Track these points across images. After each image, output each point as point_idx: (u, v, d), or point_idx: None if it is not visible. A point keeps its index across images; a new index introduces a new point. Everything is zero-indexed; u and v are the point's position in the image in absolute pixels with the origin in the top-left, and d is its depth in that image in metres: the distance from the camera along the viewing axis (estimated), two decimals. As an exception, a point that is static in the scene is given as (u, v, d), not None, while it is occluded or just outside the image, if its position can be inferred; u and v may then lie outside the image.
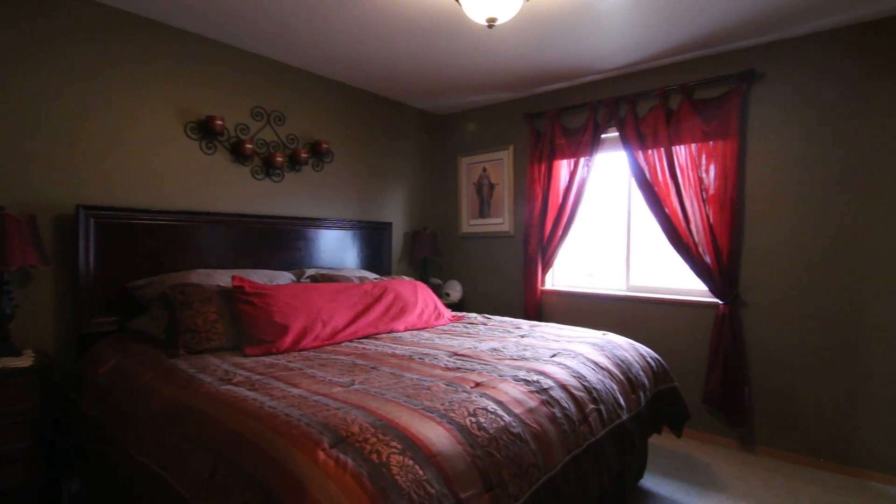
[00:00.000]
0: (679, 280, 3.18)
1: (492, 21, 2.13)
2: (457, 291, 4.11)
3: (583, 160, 3.43)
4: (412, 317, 2.76)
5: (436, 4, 2.38)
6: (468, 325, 2.81)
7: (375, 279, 3.08)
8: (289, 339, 2.14)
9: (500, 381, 1.66)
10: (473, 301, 4.20)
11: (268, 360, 1.94)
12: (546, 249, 3.63)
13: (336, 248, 3.46)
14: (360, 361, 1.93)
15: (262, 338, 2.10)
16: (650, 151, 3.12)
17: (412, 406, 1.39)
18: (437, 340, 2.37)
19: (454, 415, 1.37)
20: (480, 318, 2.99)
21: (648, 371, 2.29)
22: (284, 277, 2.80)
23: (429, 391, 1.54)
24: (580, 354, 2.07)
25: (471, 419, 1.37)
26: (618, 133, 3.28)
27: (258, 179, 3.03)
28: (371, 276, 3.20)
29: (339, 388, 1.56)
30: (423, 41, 2.82)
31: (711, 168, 2.91)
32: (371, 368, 1.82)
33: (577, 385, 1.79)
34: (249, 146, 2.90)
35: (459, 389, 1.56)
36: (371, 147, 3.79)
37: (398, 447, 1.17)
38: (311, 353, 2.08)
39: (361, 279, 2.99)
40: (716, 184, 2.89)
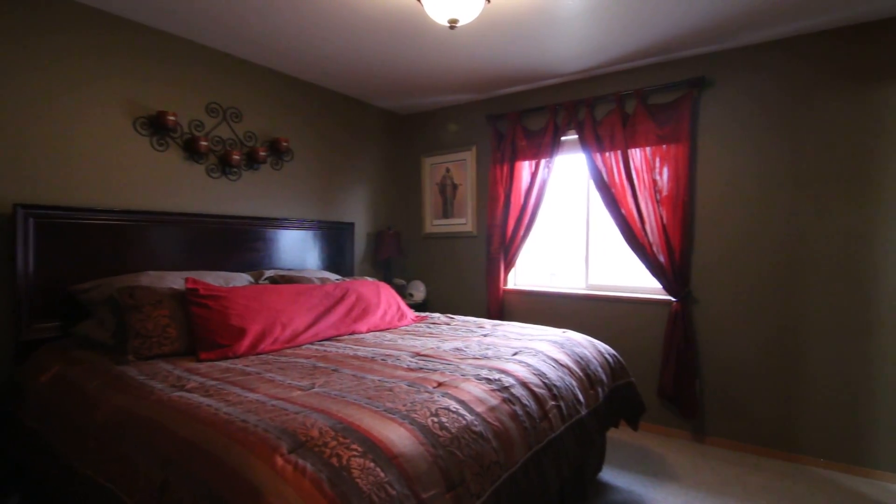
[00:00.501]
0: (635, 278, 3.29)
1: (453, 22, 2.14)
2: (420, 292, 4.10)
3: (544, 162, 3.49)
4: (375, 318, 2.74)
5: (398, 4, 2.37)
6: (431, 326, 2.81)
7: (337, 280, 3.04)
8: (246, 343, 2.08)
9: (463, 381, 1.67)
10: (437, 301, 4.20)
11: (224, 365, 1.88)
12: (509, 249, 3.67)
13: (297, 249, 3.39)
14: (321, 364, 1.90)
15: (218, 342, 2.04)
16: (607, 154, 3.22)
17: (374, 408, 1.38)
18: (400, 341, 2.36)
19: (416, 415, 1.37)
20: (444, 318, 3.00)
21: (606, 367, 2.35)
22: (242, 279, 2.72)
23: (391, 392, 1.53)
24: (541, 352, 2.10)
25: (433, 419, 1.37)
26: (577, 136, 3.36)
27: (214, 178, 2.93)
28: (333, 277, 3.15)
29: (299, 392, 1.53)
30: (385, 40, 2.80)
31: (665, 170, 3.02)
32: (332, 371, 1.80)
33: (538, 382, 1.83)
34: (204, 143, 2.80)
35: (422, 390, 1.56)
36: (333, 146, 3.74)
37: (359, 450, 1.16)
38: (270, 357, 2.03)
39: (323, 280, 2.94)
40: (669, 185, 3.00)
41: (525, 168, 3.62)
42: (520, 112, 3.62)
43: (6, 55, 2.15)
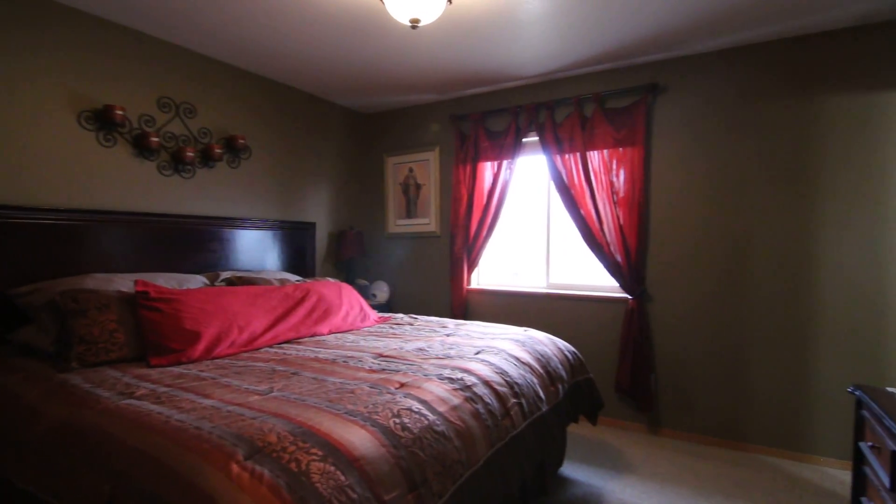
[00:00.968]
0: (594, 277, 3.38)
1: (415, 22, 2.13)
2: (384, 292, 4.08)
3: (506, 163, 3.54)
4: (337, 319, 2.70)
5: (359, 2, 2.34)
6: (395, 326, 2.80)
7: (298, 281, 2.98)
8: (201, 347, 2.01)
9: (425, 381, 1.67)
10: (401, 301, 4.19)
11: (176, 371, 1.81)
12: (472, 249, 3.70)
13: (255, 250, 3.29)
14: (280, 367, 1.85)
15: (171, 346, 1.95)
16: (567, 156, 3.29)
17: (334, 411, 1.36)
18: (363, 342, 2.34)
19: (378, 417, 1.36)
20: (407, 319, 2.99)
21: (566, 364, 2.41)
22: (196, 281, 2.63)
23: (352, 394, 1.51)
24: (503, 351, 2.13)
25: (395, 420, 1.37)
26: (538, 137, 3.42)
27: (166, 175, 2.81)
28: (293, 278, 3.09)
29: (257, 397, 1.49)
30: (347, 37, 2.76)
31: (621, 172, 3.12)
32: (292, 374, 1.76)
33: (500, 381, 1.85)
34: (155, 139, 2.68)
35: (384, 391, 1.55)
36: (293, 144, 3.66)
37: (319, 454, 1.14)
38: (227, 361, 1.97)
39: (282, 281, 2.87)
40: (625, 187, 3.10)
41: (488, 169, 3.65)
42: (482, 113, 3.65)
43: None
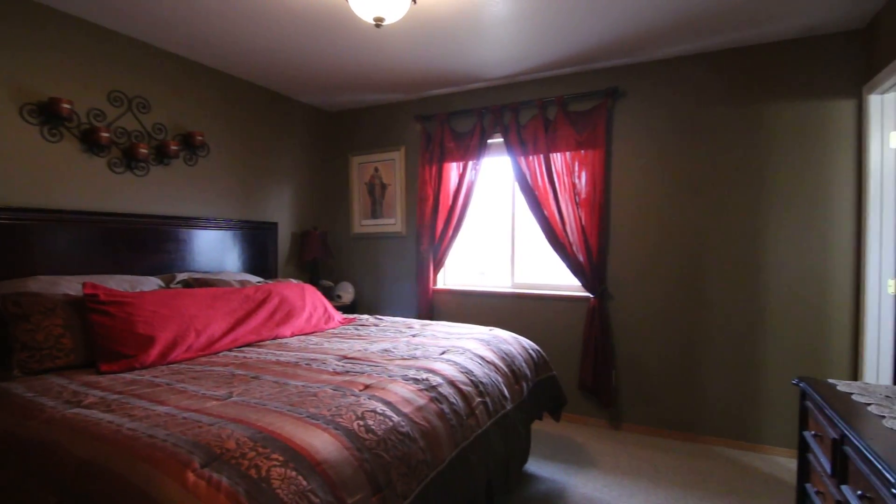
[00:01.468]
0: (557, 276, 3.45)
1: (379, 21, 2.12)
2: (349, 293, 4.03)
3: (471, 163, 3.56)
4: (300, 321, 2.65)
5: (322, -2, 2.31)
6: (360, 328, 2.77)
7: (259, 282, 2.90)
8: (155, 352, 1.93)
9: (390, 382, 1.66)
10: (366, 302, 4.14)
11: (128, 377, 1.73)
12: (438, 249, 3.70)
13: (214, 250, 3.19)
14: (240, 371, 1.80)
15: (122, 352, 1.87)
16: (531, 157, 3.34)
17: (296, 415, 1.34)
18: (327, 344, 2.30)
19: (341, 420, 1.34)
20: (372, 320, 2.97)
21: (530, 362, 2.45)
22: (150, 283, 2.52)
23: (315, 398, 1.49)
24: (468, 350, 2.14)
25: (359, 423, 1.35)
26: (502, 139, 3.46)
27: (117, 173, 2.69)
28: (254, 280, 3.01)
29: (215, 402, 1.44)
30: (310, 34, 2.71)
31: (583, 174, 3.19)
32: (252, 378, 1.71)
33: (465, 380, 1.86)
34: (106, 135, 2.55)
35: (348, 393, 1.53)
36: (255, 142, 3.56)
37: (280, 459, 1.12)
38: (183, 366, 1.90)
39: (243, 283, 2.80)
40: (587, 189, 3.18)
41: (453, 169, 3.66)
42: (448, 114, 3.66)
43: None
